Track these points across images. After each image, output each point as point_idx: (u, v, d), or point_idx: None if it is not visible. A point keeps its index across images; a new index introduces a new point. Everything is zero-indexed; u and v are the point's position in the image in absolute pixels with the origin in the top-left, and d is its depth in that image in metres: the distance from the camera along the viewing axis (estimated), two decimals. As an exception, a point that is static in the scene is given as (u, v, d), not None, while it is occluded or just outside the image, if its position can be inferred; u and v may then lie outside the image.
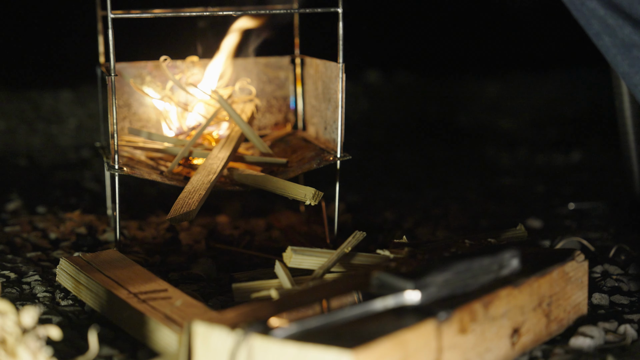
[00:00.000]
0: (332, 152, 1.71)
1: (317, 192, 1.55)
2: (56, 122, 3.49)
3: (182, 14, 1.74)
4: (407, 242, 1.45)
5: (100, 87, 1.87)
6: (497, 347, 1.14)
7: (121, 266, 1.42)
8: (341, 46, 1.63)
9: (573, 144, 3.05)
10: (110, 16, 1.54)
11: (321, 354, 0.94)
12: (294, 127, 1.98)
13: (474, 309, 1.09)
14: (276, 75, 1.96)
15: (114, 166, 1.59)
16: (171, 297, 1.29)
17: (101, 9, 1.89)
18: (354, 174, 2.60)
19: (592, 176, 2.58)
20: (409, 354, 1.00)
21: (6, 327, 0.98)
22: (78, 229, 1.89)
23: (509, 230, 1.53)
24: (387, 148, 3.09)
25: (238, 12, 1.70)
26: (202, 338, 1.02)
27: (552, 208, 2.15)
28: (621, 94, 1.88)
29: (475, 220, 2.03)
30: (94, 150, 2.91)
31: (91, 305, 1.37)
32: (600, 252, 1.72)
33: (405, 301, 1.05)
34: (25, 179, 2.54)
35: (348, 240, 1.45)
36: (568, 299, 1.28)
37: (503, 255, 1.16)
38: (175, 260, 1.68)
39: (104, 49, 1.92)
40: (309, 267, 1.40)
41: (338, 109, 1.66)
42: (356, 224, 1.98)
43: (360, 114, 3.65)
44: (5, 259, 1.66)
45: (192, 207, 1.50)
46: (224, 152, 1.73)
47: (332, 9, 1.63)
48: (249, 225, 1.95)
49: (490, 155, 2.94)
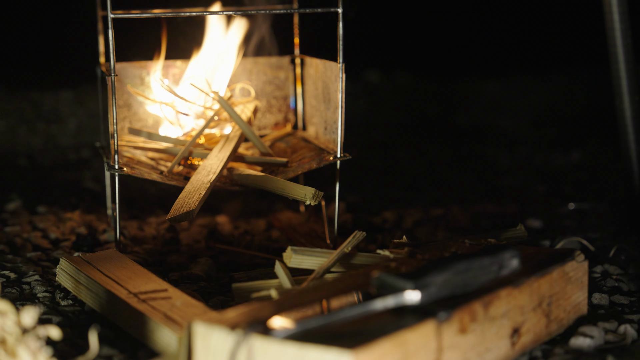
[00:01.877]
0: (332, 152, 1.71)
1: (317, 192, 1.55)
2: (56, 122, 3.49)
3: (182, 14, 1.74)
4: (407, 242, 1.45)
5: (100, 87, 1.87)
6: (497, 347, 1.14)
7: (121, 266, 1.42)
8: (341, 46, 1.63)
9: (573, 144, 3.05)
10: (110, 16, 1.54)
11: (321, 354, 0.94)
12: (294, 127, 1.98)
13: (474, 309, 1.09)
14: (276, 75, 1.96)
15: (114, 166, 1.59)
16: (171, 297, 1.29)
17: (101, 9, 1.89)
18: (354, 174, 2.60)
19: (592, 176, 2.58)
20: (409, 354, 1.00)
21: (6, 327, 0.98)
22: (78, 229, 1.89)
23: (509, 230, 1.53)
24: (387, 148, 3.09)
25: (238, 12, 1.70)
26: (202, 338, 1.02)
27: (552, 208, 2.15)
28: (621, 94, 1.88)
29: (475, 220, 2.03)
30: (94, 150, 2.91)
31: (91, 305, 1.37)
32: (600, 252, 1.72)
33: (405, 301, 1.05)
34: (25, 179, 2.54)
35: (348, 240, 1.45)
36: (568, 299, 1.28)
37: (503, 255, 1.16)
38: (175, 260, 1.68)
39: (104, 49, 1.92)
40: (309, 267, 1.40)
41: (338, 109, 1.66)
42: (356, 224, 1.98)
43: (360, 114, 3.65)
44: (5, 259, 1.66)
45: (192, 207, 1.50)
46: (223, 152, 1.73)
47: (332, 9, 1.63)
48: (249, 225, 1.95)
49: (490, 155, 2.94)
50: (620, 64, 1.82)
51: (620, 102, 1.88)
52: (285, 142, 1.92)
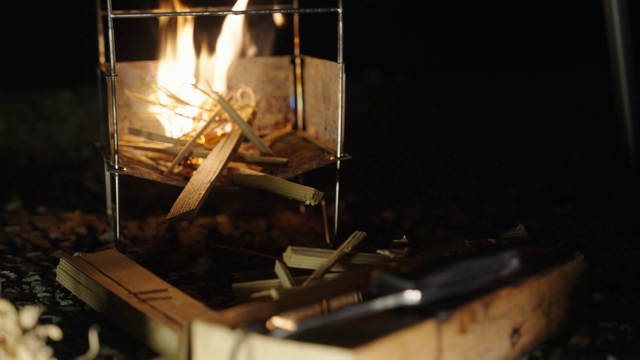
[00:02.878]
0: (332, 152, 1.71)
1: (317, 192, 1.55)
2: (56, 122, 3.49)
3: (182, 14, 1.74)
4: (407, 242, 1.45)
5: (100, 87, 1.87)
6: (497, 347, 1.14)
7: (121, 266, 1.42)
8: (341, 46, 1.63)
9: (572, 144, 3.05)
10: (110, 16, 1.54)
11: (321, 354, 0.94)
12: (294, 127, 1.98)
13: (474, 309, 1.09)
14: (276, 75, 1.96)
15: (114, 166, 1.59)
16: (171, 297, 1.29)
17: (101, 9, 1.89)
18: (354, 174, 2.60)
19: (592, 176, 2.58)
20: (409, 354, 1.00)
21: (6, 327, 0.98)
22: (78, 229, 1.89)
23: (509, 230, 1.53)
24: (387, 148, 3.09)
25: (238, 12, 1.70)
26: (202, 338, 1.02)
27: (552, 208, 2.15)
28: (621, 93, 1.88)
29: (475, 220, 2.03)
30: (94, 150, 2.91)
31: (91, 305, 1.37)
32: (600, 252, 1.72)
33: (405, 301, 1.05)
34: (25, 179, 2.54)
35: (348, 240, 1.45)
36: (568, 299, 1.28)
37: (503, 255, 1.16)
38: (175, 260, 1.68)
39: (104, 49, 1.92)
40: (309, 267, 1.40)
41: (338, 108, 1.66)
42: (356, 224, 1.98)
43: (360, 114, 3.65)
44: (5, 259, 1.66)
45: (192, 207, 1.50)
46: (223, 152, 1.73)
47: (332, 9, 1.63)
48: (249, 225, 1.95)
49: (490, 155, 2.94)
50: (620, 64, 1.83)
51: (620, 102, 1.88)
52: (285, 142, 1.92)
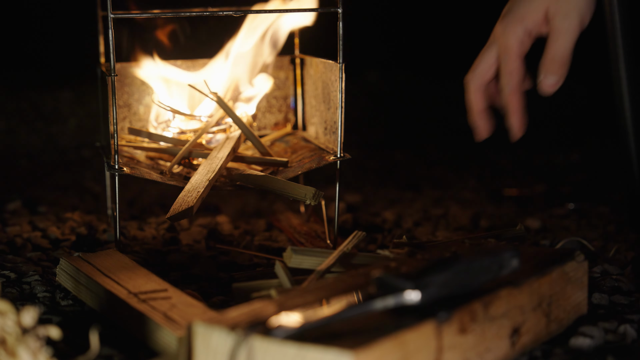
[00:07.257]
0: (332, 152, 1.71)
1: (317, 192, 1.55)
2: (56, 122, 3.49)
3: (182, 14, 1.74)
4: (407, 242, 1.45)
5: (100, 87, 1.87)
6: (497, 347, 1.14)
7: (121, 266, 1.42)
8: (341, 46, 1.63)
9: (573, 144, 3.05)
10: (110, 16, 1.54)
11: (321, 354, 0.94)
12: (294, 127, 1.98)
13: (474, 309, 1.09)
14: (276, 75, 1.96)
15: (114, 166, 1.59)
16: (171, 297, 1.29)
17: (101, 9, 1.89)
18: (354, 174, 2.61)
19: (592, 176, 2.58)
20: (409, 354, 1.00)
21: (6, 327, 0.98)
22: (78, 229, 1.89)
23: (509, 230, 1.53)
24: (387, 148, 3.09)
25: (238, 12, 1.70)
26: (202, 338, 1.02)
27: (552, 208, 2.15)
28: (621, 93, 1.88)
29: (475, 220, 2.03)
30: (94, 150, 2.91)
31: (91, 305, 1.37)
32: (600, 252, 1.72)
33: (405, 301, 1.05)
34: (25, 179, 2.54)
35: (348, 240, 1.45)
36: (568, 299, 1.28)
37: (503, 255, 1.16)
38: (175, 260, 1.68)
39: (104, 49, 1.92)
40: (309, 267, 1.40)
41: (338, 109, 1.66)
42: (356, 224, 1.98)
43: (360, 114, 3.65)
44: (5, 259, 1.66)
45: (190, 204, 1.50)
46: (223, 152, 1.73)
47: (332, 9, 1.63)
48: (249, 225, 1.95)
49: (490, 155, 2.94)
50: (620, 64, 1.82)
51: (620, 102, 1.87)
52: (285, 142, 1.92)
